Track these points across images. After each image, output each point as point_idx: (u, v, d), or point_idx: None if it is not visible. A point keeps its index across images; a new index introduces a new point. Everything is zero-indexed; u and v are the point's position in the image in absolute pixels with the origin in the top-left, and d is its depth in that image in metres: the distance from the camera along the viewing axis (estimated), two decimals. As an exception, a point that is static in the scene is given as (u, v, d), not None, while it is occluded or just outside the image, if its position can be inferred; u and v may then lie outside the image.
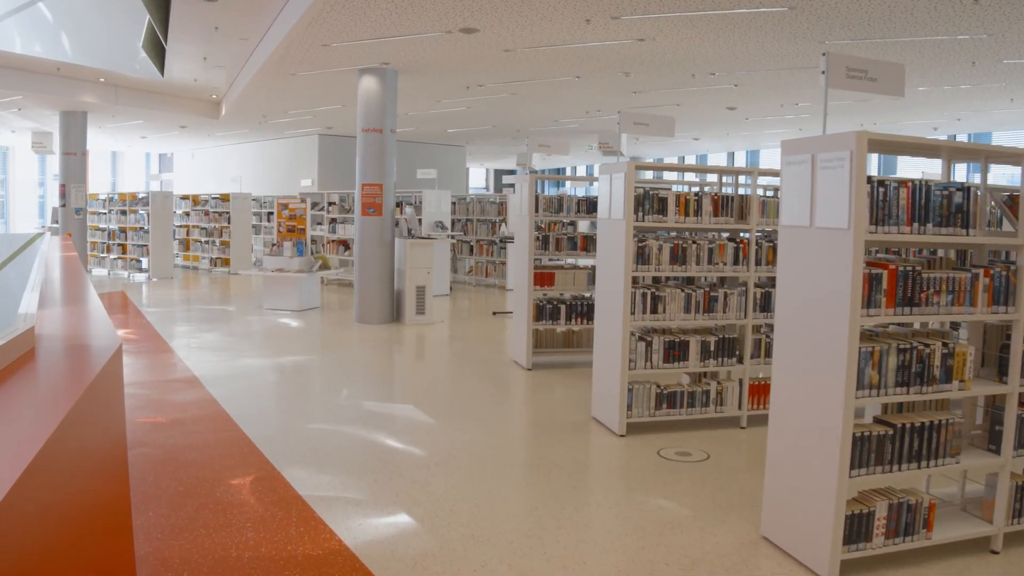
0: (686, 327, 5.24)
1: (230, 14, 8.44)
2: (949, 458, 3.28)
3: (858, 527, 3.13)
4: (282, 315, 10.28)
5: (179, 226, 17.65)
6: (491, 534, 3.42)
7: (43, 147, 16.89)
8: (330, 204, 14.75)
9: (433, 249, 9.77)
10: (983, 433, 3.49)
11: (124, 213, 16.25)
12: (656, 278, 5.31)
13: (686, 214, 5.05)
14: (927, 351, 3.18)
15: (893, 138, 3.24)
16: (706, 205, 5.09)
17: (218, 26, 8.80)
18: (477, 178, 31.15)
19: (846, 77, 3.28)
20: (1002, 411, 3.35)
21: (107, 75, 12.01)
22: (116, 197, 16.60)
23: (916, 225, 3.12)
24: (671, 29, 7.32)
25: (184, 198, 17.82)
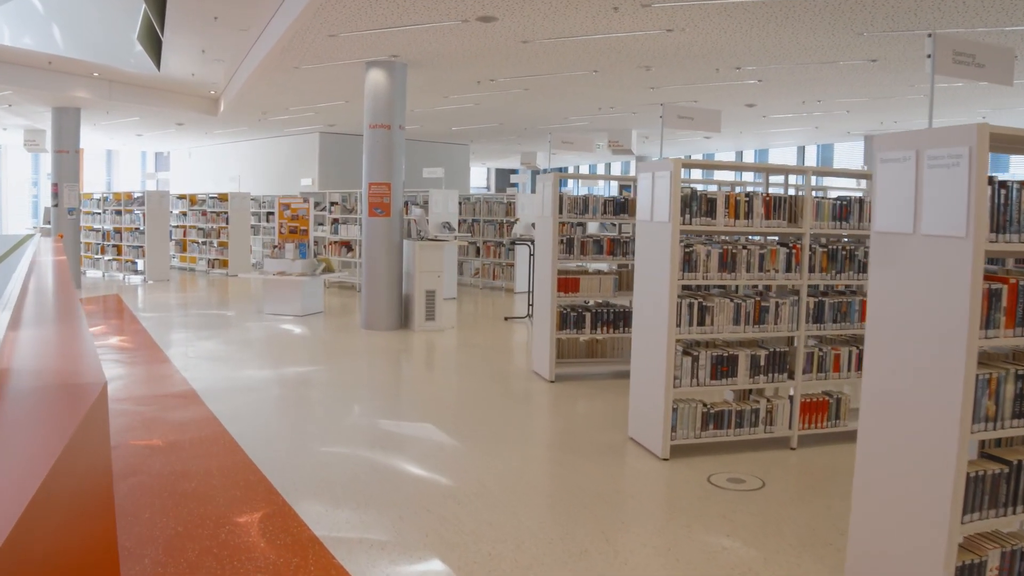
0: (735, 340, 4.80)
1: (230, 3, 7.97)
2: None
3: (972, 582, 2.69)
4: (284, 321, 9.81)
5: (176, 226, 17.15)
6: (540, 587, 2.97)
7: (36, 145, 16.35)
8: (332, 204, 14.28)
9: (443, 251, 9.31)
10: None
11: (119, 213, 15.75)
12: (701, 286, 4.86)
13: (736, 216, 4.61)
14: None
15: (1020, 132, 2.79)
16: (757, 207, 4.65)
17: (217, 16, 8.32)
18: (478, 178, 30.67)
19: (952, 63, 2.85)
20: None
21: (101, 69, 11.51)
22: (111, 197, 16.10)
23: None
24: (703, 18, 6.88)
25: (181, 198, 17.33)
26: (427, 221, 9.49)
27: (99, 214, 16.37)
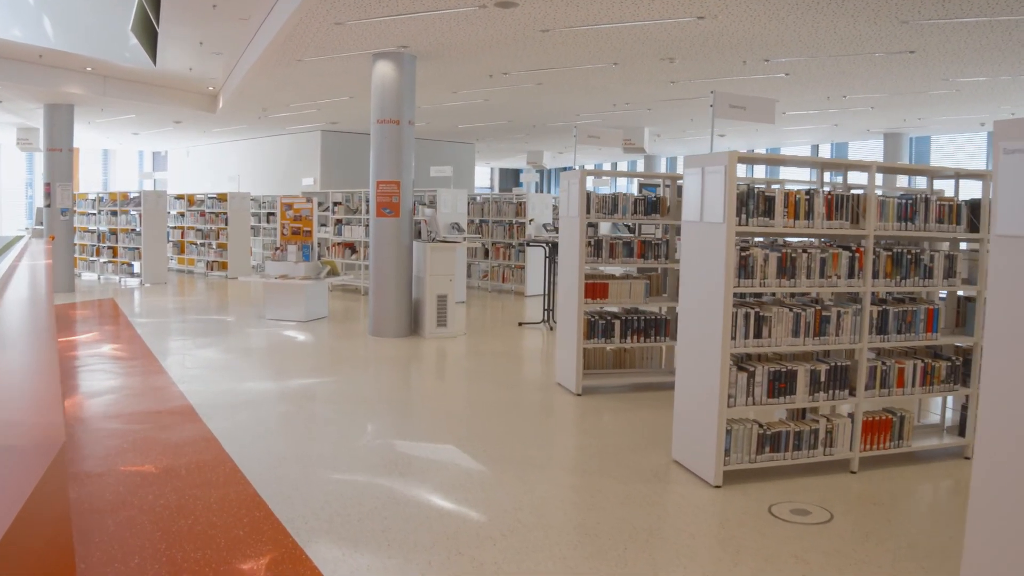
0: (790, 354, 4.33)
1: (231, -10, 7.51)
2: None
3: None
4: (287, 327, 9.32)
5: (173, 227, 16.67)
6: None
7: (29, 144, 15.86)
8: (335, 204, 13.79)
9: (455, 254, 8.84)
10: None
11: (115, 214, 15.26)
12: (758, 294, 4.39)
13: (796, 216, 4.14)
14: None
15: None
16: (818, 206, 4.18)
17: (216, 3, 7.84)
18: (481, 177, 30.19)
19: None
20: None
21: (94, 63, 11.02)
22: (106, 197, 15.61)
23: None
24: (737, 5, 6.41)
25: (179, 198, 16.86)
26: (438, 222, 9.01)
27: (94, 215, 15.89)
